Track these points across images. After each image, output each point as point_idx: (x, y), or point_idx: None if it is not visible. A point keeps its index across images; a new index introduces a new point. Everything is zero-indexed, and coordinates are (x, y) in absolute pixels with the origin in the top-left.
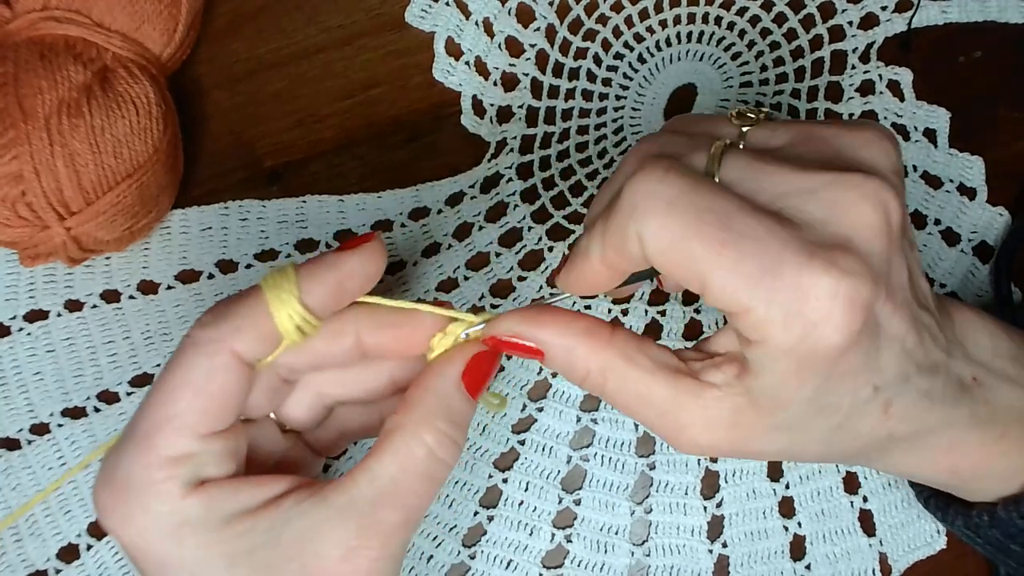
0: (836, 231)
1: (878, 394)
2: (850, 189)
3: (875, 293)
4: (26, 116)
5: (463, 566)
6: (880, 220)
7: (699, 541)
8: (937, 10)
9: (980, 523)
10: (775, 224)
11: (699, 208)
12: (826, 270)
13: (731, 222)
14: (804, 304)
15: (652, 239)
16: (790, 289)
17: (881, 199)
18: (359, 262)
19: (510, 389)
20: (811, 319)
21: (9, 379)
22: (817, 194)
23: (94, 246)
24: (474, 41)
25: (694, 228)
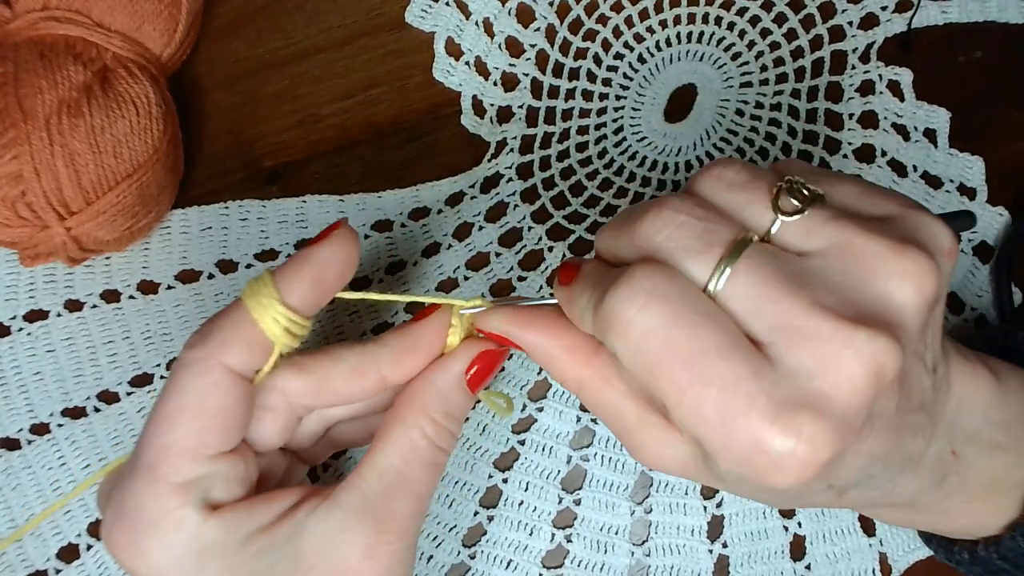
0: (818, 387)
1: (832, 488)
2: (847, 348)
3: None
4: (26, 116)
5: (463, 566)
6: (867, 381)
7: (699, 541)
8: (937, 10)
9: (961, 560)
10: (749, 373)
11: (673, 345)
12: (785, 434)
13: (703, 363)
14: (756, 456)
15: (625, 359)
16: (746, 442)
17: (877, 360)
18: (331, 251)
19: (510, 389)
20: (760, 468)
21: (9, 379)
22: (812, 343)
23: (94, 246)
24: (474, 41)
25: (663, 365)
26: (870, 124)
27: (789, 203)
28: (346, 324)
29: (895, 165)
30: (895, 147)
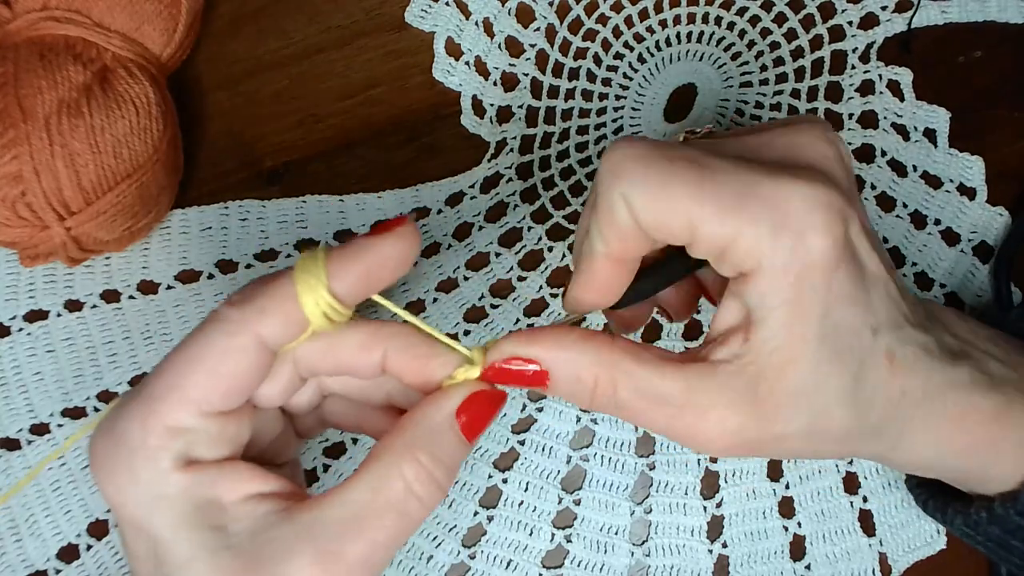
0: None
1: (878, 338)
2: (801, 133)
3: (848, 205)
4: (26, 116)
5: (463, 566)
6: (835, 153)
7: (699, 541)
8: (937, 10)
9: (979, 520)
10: (743, 160)
11: (671, 156)
12: (794, 179)
13: (703, 163)
14: (786, 215)
15: (635, 195)
16: (770, 205)
17: (829, 137)
18: (391, 246)
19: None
20: (796, 228)
21: (9, 379)
22: (773, 142)
23: (94, 246)
24: (474, 41)
25: (670, 172)
26: (870, 124)
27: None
28: None
29: (895, 165)
30: (895, 147)
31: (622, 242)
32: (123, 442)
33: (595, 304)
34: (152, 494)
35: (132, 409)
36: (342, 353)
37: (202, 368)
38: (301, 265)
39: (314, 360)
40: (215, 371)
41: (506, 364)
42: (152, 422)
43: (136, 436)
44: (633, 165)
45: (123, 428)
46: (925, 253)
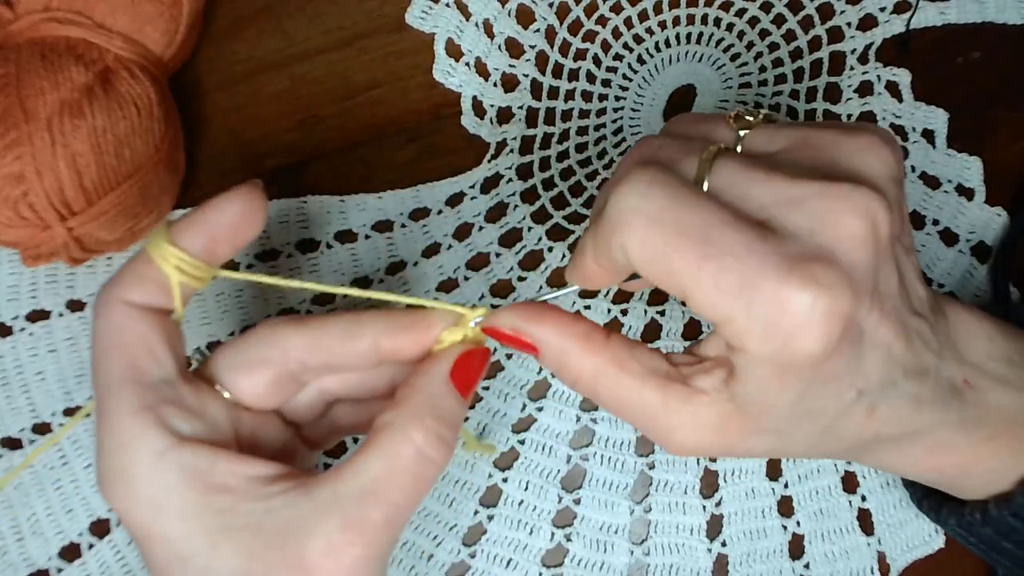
0: (821, 242)
1: (862, 398)
2: (837, 200)
3: (856, 304)
4: (28, 117)
5: (463, 565)
6: (865, 231)
7: (698, 540)
8: (935, 11)
9: (973, 521)
10: (756, 237)
11: (680, 223)
12: (804, 284)
13: (711, 236)
14: (782, 317)
15: (634, 253)
16: (768, 302)
17: (868, 209)
18: (228, 202)
19: (510, 389)
20: (789, 331)
21: (11, 379)
22: (804, 204)
23: (96, 246)
24: (474, 42)
25: (674, 243)
26: None
27: (745, 120)
28: None
29: None
30: None
31: (614, 271)
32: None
33: (588, 288)
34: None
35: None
36: (329, 343)
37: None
38: (151, 233)
39: (302, 353)
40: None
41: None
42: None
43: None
44: (638, 222)
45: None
46: (924, 253)
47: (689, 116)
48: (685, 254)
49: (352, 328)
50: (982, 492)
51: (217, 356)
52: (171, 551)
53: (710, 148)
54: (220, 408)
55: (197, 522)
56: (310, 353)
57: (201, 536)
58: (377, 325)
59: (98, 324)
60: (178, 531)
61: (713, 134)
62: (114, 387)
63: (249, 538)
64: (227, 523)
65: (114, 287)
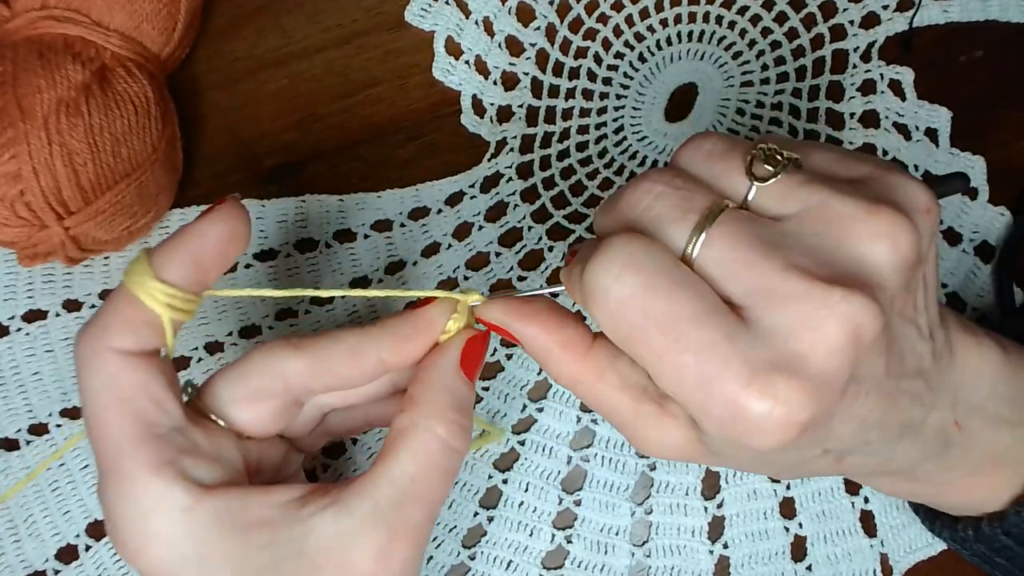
0: (794, 348)
1: (829, 454)
2: (821, 307)
3: (817, 410)
4: (24, 115)
5: (463, 567)
6: (844, 341)
7: (700, 542)
8: (938, 9)
9: (966, 537)
10: (723, 337)
11: (648, 312)
12: (761, 395)
13: (678, 330)
14: (735, 419)
15: (604, 327)
16: (724, 405)
17: (854, 319)
18: (210, 226)
19: (510, 390)
20: (741, 430)
21: (7, 379)
22: (788, 303)
23: (93, 246)
24: (474, 40)
25: (639, 332)
26: (871, 123)
27: (763, 169)
28: (346, 324)
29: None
30: (896, 146)
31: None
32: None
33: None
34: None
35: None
36: (334, 367)
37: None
38: (128, 270)
39: (307, 380)
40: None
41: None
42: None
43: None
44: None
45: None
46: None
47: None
48: (649, 343)
49: (356, 348)
50: (969, 512)
51: (215, 387)
52: None
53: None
54: (230, 444)
55: (242, 565)
56: (314, 378)
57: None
58: (380, 341)
59: (91, 379)
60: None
61: (724, 181)
62: (126, 447)
63: (294, 567)
64: (272, 557)
65: (101, 335)
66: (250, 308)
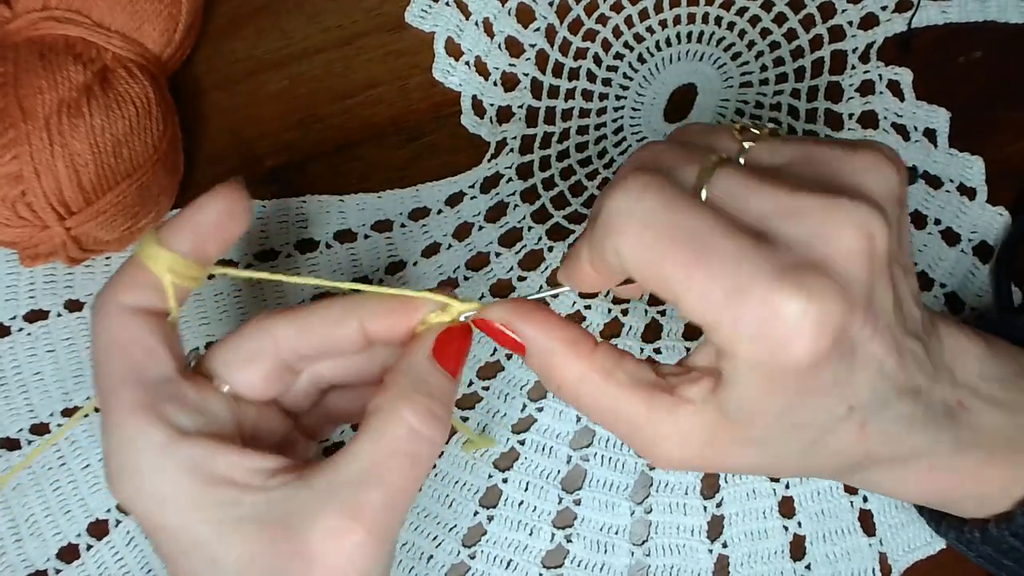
0: (816, 254)
1: (853, 414)
2: (836, 214)
3: (848, 316)
4: (26, 116)
5: (463, 566)
6: (862, 246)
7: (699, 541)
8: (937, 10)
9: (972, 539)
10: (750, 245)
11: (672, 227)
12: (795, 292)
13: (703, 242)
14: (771, 324)
15: (627, 256)
16: (758, 309)
17: (866, 225)
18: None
19: (510, 389)
20: (778, 338)
21: (9, 379)
22: (803, 216)
23: (94, 246)
24: (474, 41)
25: (665, 247)
26: (870, 124)
27: (750, 132)
28: None
29: None
30: (895, 147)
31: (609, 274)
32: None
33: (581, 291)
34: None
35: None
36: (317, 330)
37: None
38: (141, 238)
39: (293, 340)
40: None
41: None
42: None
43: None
44: (630, 225)
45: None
46: (925, 253)
47: (695, 126)
48: (676, 258)
49: (339, 313)
50: (981, 512)
51: (213, 352)
52: (178, 543)
53: (712, 157)
54: (221, 403)
55: (201, 514)
56: (300, 341)
57: (206, 528)
58: (364, 308)
59: (96, 328)
60: (183, 523)
61: (717, 144)
62: (116, 387)
63: (253, 530)
64: (231, 515)
65: (110, 292)
66: (250, 308)
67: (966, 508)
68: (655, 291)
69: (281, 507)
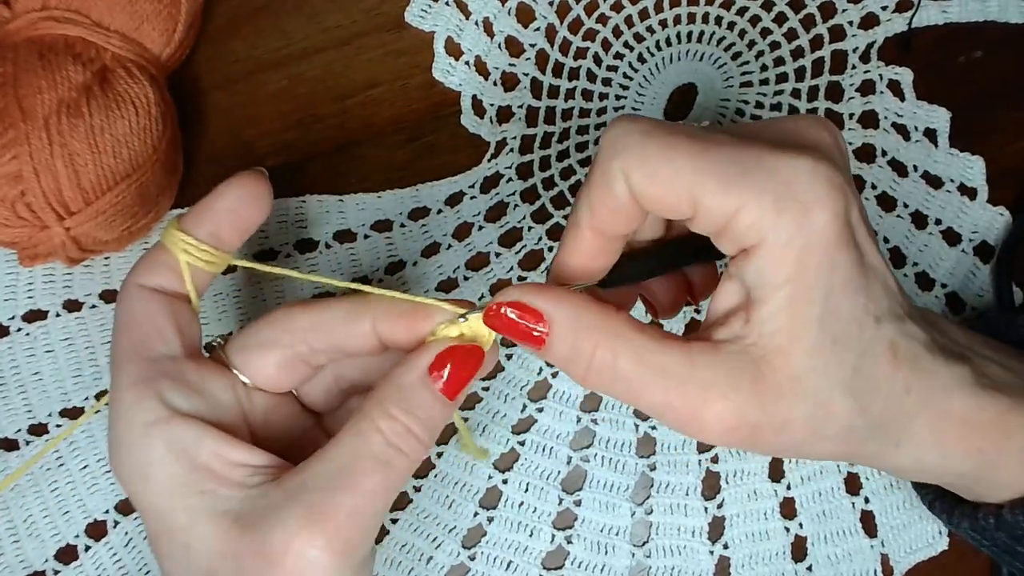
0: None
1: (881, 327)
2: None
3: (847, 184)
4: (25, 116)
5: (463, 567)
6: (834, 140)
7: (700, 542)
8: (937, 10)
9: (986, 525)
10: (744, 136)
11: (673, 130)
12: (800, 155)
13: (705, 137)
14: (790, 188)
15: (636, 168)
16: (775, 177)
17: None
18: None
19: (510, 390)
20: (800, 200)
21: (7, 379)
22: (772, 126)
23: (93, 246)
24: (474, 41)
25: (672, 145)
26: (870, 124)
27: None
28: None
29: (895, 165)
30: (895, 147)
31: (613, 215)
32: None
33: (578, 277)
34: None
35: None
36: (331, 325)
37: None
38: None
39: (307, 337)
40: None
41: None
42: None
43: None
44: (635, 139)
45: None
46: (926, 253)
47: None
48: (685, 151)
49: (353, 311)
50: (996, 496)
51: (233, 340)
52: (158, 523)
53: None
54: (225, 387)
55: (179, 499)
56: (314, 334)
57: (183, 513)
58: (376, 309)
59: (117, 308)
60: (163, 504)
61: None
62: (121, 361)
63: (227, 523)
64: (208, 504)
65: (131, 274)
66: (250, 308)
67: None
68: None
69: (253, 504)
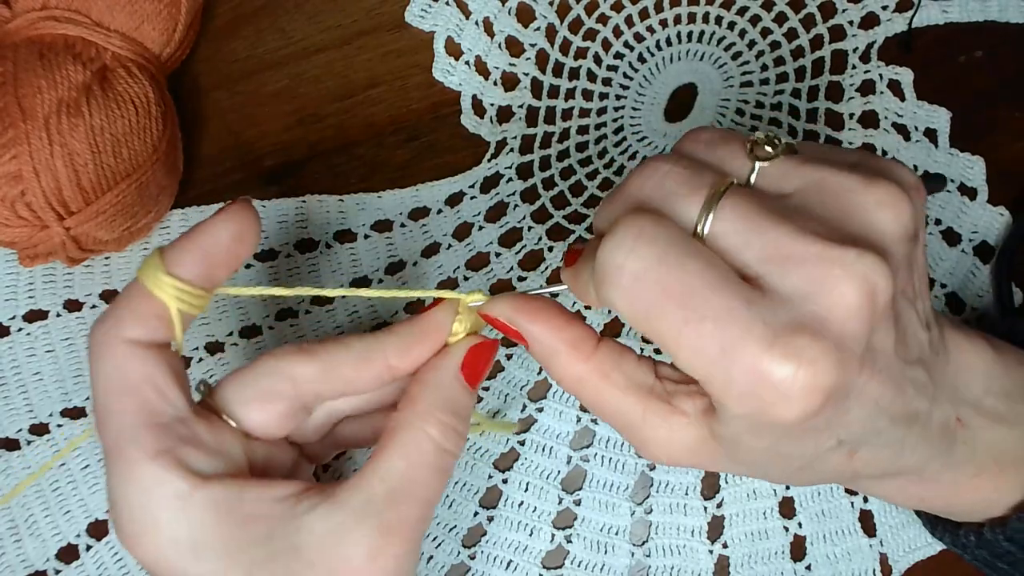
0: (814, 309)
1: (843, 445)
2: (837, 267)
3: (841, 375)
4: (25, 116)
5: (463, 566)
6: (861, 301)
7: (699, 541)
8: (938, 10)
9: (967, 543)
10: (742, 303)
11: (663, 284)
12: (785, 357)
13: (695, 300)
14: (760, 387)
15: (620, 308)
16: (747, 371)
17: (868, 278)
18: (220, 223)
19: (510, 390)
20: (766, 399)
21: (8, 379)
22: (803, 265)
23: (93, 246)
24: (474, 41)
25: (657, 307)
26: (871, 124)
27: (764, 151)
28: (345, 324)
29: None
30: (896, 147)
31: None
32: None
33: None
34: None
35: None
36: (342, 372)
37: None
38: (142, 263)
39: (316, 385)
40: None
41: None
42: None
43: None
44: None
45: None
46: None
47: (706, 133)
48: (667, 317)
49: (365, 353)
50: (975, 516)
51: (226, 387)
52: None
53: (718, 186)
54: (234, 440)
55: (237, 556)
56: (324, 383)
57: (241, 570)
58: (389, 346)
59: (101, 367)
60: (217, 570)
61: (727, 163)
62: (128, 433)
63: (289, 562)
64: (266, 551)
65: (113, 326)
66: (251, 308)
67: (957, 514)
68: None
69: (315, 532)
